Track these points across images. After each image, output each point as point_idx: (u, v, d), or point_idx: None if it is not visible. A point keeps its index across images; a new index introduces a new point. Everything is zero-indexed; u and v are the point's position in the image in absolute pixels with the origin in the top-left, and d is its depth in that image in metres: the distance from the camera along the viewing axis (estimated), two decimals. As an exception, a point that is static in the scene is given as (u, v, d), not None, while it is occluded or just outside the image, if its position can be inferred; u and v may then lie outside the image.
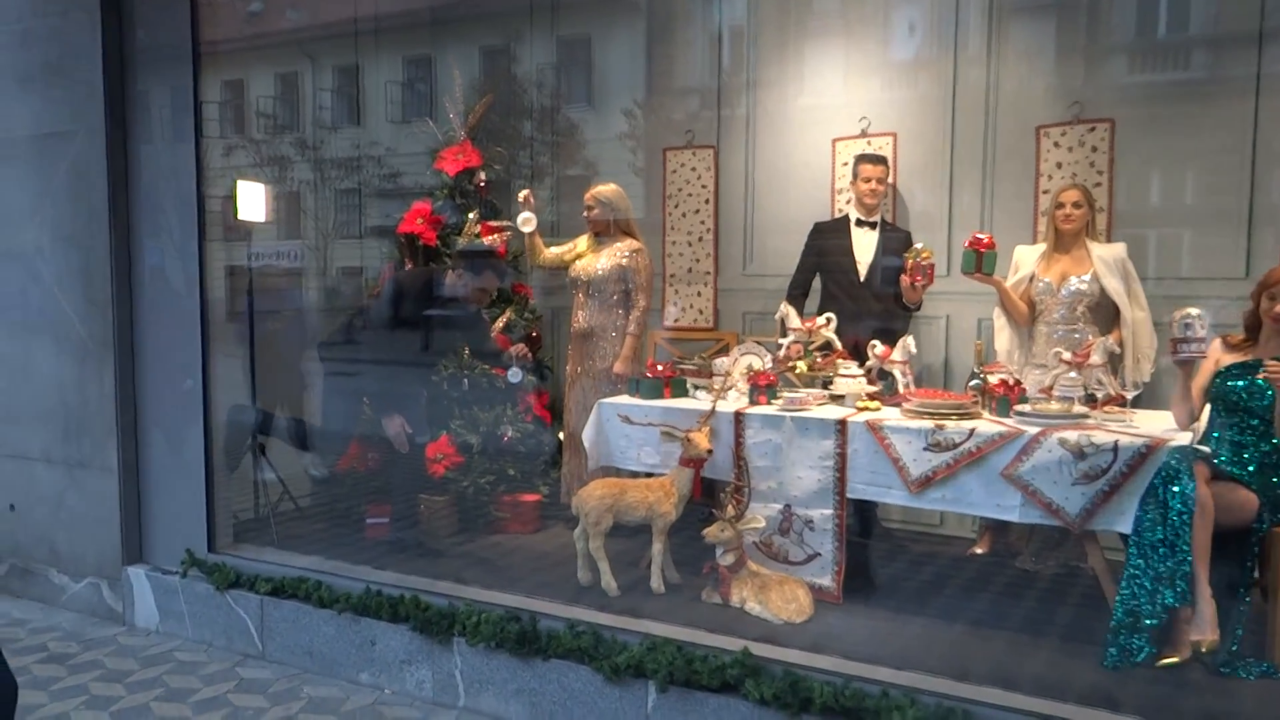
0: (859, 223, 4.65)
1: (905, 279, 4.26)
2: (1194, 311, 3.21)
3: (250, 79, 7.17)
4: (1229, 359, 3.36)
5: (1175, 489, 3.10)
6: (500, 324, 5.15)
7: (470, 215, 5.17)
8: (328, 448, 5.16)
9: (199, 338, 4.44)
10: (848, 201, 4.84)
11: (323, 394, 4.86)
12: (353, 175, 6.86)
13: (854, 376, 4.04)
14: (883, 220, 4.69)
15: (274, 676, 4.02)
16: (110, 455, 4.61)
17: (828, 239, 4.70)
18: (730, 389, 4.09)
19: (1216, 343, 3.37)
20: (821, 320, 4.32)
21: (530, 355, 5.06)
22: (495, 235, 5.08)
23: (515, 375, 4.90)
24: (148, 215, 4.53)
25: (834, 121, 5.05)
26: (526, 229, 4.73)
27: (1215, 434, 3.39)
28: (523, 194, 4.74)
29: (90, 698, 3.82)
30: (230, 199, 4.69)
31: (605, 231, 4.77)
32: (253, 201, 4.77)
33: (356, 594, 3.97)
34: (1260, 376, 3.23)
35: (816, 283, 4.77)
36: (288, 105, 7.29)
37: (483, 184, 5.29)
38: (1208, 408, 3.43)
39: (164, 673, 4.06)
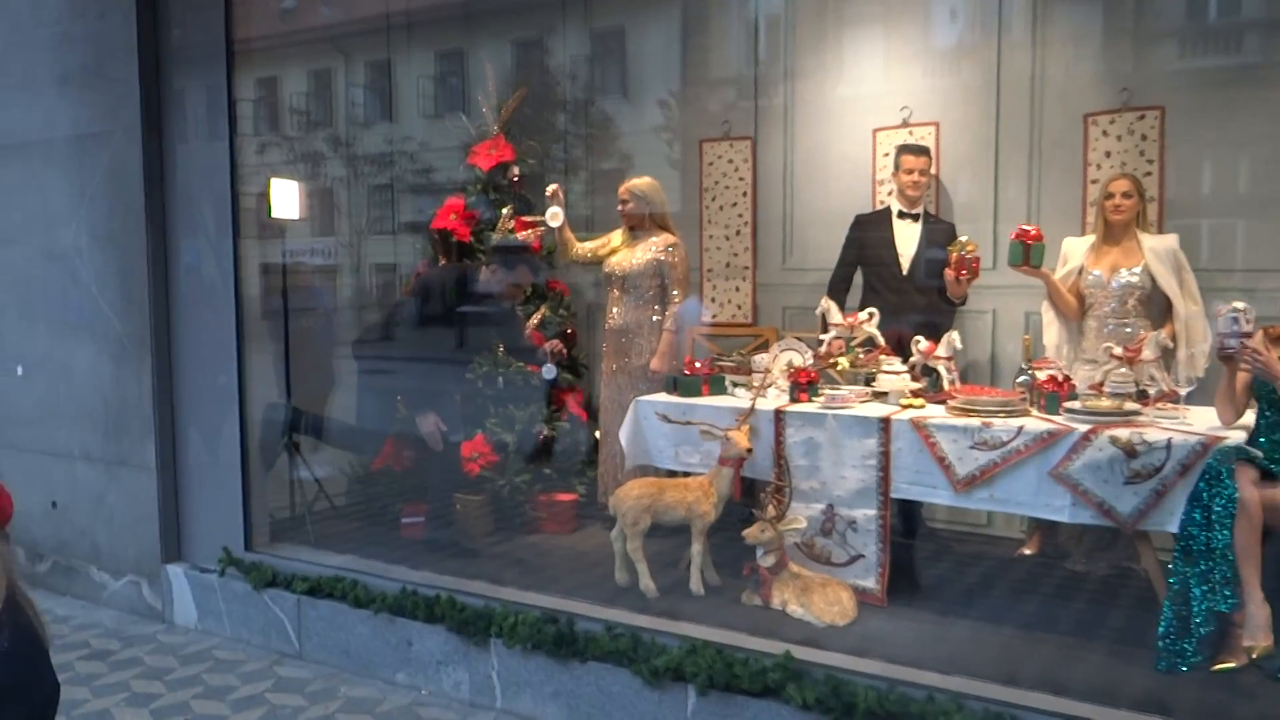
0: (901, 215, 4.55)
1: (950, 272, 4.18)
2: (1239, 305, 3.13)
3: (283, 76, 7.19)
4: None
5: (1217, 491, 3.00)
6: (535, 320, 5.11)
7: (504, 210, 5.14)
8: (360, 446, 5.16)
9: (234, 336, 4.45)
10: (889, 193, 4.75)
11: (357, 392, 4.85)
12: (386, 171, 6.84)
13: (897, 373, 3.96)
14: (926, 212, 4.59)
15: (311, 676, 4.02)
16: (148, 453, 4.63)
17: (869, 232, 4.61)
18: (770, 386, 4.02)
19: (1259, 336, 3.24)
20: (864, 315, 4.23)
21: (565, 352, 5.02)
22: (529, 230, 5.05)
23: (550, 372, 4.86)
24: (184, 214, 4.54)
25: (874, 111, 4.93)
26: (554, 224, 4.67)
27: (1262, 434, 3.26)
28: (551, 188, 4.69)
29: (131, 695, 3.85)
30: (264, 196, 4.69)
31: (640, 226, 4.71)
32: (286, 199, 4.78)
33: (392, 594, 3.95)
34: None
35: (858, 277, 4.68)
36: (321, 102, 7.31)
37: (516, 178, 5.26)
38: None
39: (203, 671, 4.08)
